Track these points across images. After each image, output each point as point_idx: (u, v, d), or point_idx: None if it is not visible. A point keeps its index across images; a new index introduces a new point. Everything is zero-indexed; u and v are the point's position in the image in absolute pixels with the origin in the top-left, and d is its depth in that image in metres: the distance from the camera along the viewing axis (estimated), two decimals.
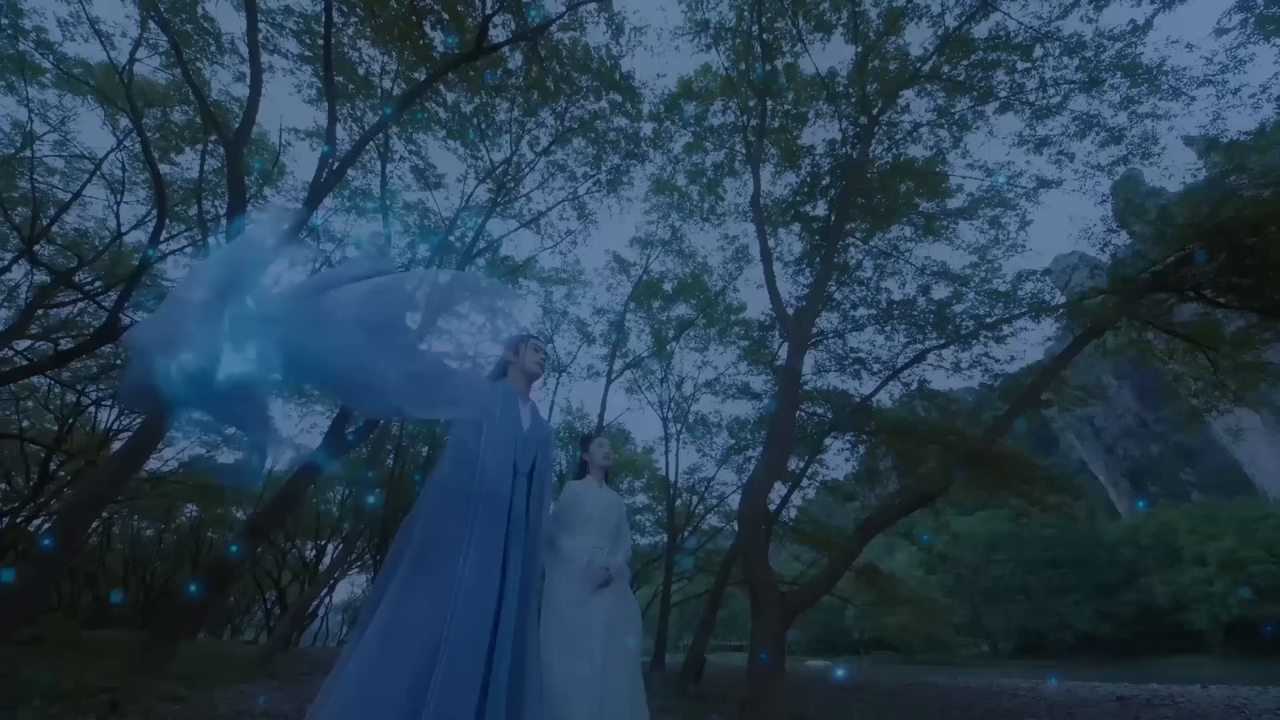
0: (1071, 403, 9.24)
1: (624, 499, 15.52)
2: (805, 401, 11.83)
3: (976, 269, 10.24)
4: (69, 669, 4.15)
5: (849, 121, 9.08)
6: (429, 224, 11.69)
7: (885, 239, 10.98)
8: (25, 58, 8.69)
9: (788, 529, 14.58)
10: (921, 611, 12.72)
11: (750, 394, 13.07)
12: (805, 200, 10.22)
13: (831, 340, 12.09)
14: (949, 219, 10.26)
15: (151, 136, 9.31)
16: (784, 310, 7.64)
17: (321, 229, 12.13)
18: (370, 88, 9.54)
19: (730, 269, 13.07)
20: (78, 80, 9.29)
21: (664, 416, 15.26)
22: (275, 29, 8.78)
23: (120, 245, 11.30)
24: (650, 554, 18.56)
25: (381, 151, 10.40)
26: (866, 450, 12.44)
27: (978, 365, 10.55)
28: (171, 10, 8.03)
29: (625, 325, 13.83)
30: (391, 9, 8.40)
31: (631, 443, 17.85)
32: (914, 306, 10.66)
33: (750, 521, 5.49)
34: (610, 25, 8.82)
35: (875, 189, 9.41)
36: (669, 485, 15.15)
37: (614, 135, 10.55)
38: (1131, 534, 40.50)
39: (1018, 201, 9.20)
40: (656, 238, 12.97)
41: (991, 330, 8.92)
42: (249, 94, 7.34)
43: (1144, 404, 64.86)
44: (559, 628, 1.95)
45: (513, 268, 12.62)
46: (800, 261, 10.75)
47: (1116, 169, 7.84)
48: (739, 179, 10.96)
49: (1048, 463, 12.55)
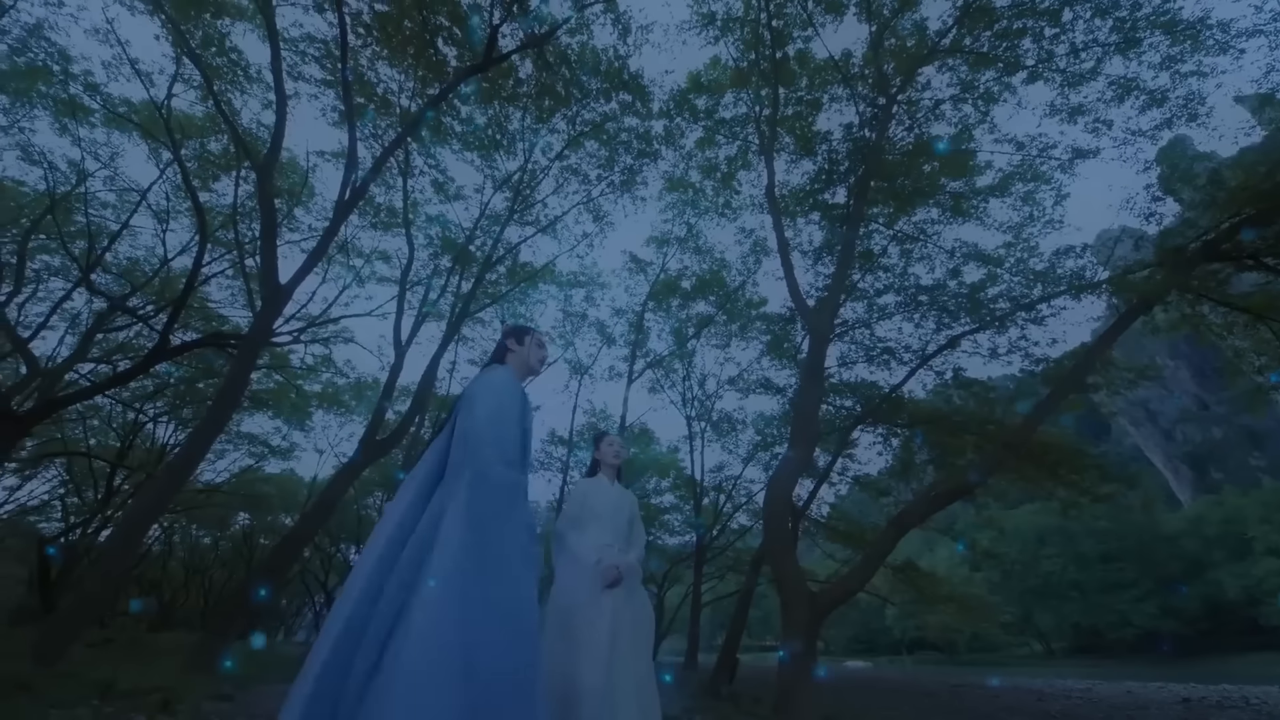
0: (1122, 385, 8.68)
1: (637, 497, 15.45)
2: (831, 394, 11.55)
3: (1011, 249, 9.78)
4: (130, 669, 4.42)
5: (866, 104, 8.81)
6: (450, 235, 11.97)
7: (911, 222, 10.62)
8: (76, 100, 9.33)
9: (820, 527, 14.27)
10: (965, 610, 12.17)
11: (774, 389, 12.84)
12: (824, 188, 9.97)
13: (858, 330, 11.77)
14: (978, 198, 9.83)
15: (191, 167, 9.83)
16: (803, 301, 7.47)
17: (350, 244, 12.61)
18: (389, 107, 9.83)
19: (749, 263, 12.90)
20: (123, 118, 9.90)
21: (687, 415, 15.18)
22: (298, 56, 9.14)
23: (168, 270, 11.98)
24: (680, 553, 18.48)
25: (403, 168, 10.70)
26: (901, 443, 12.05)
27: (1016, 350, 10.07)
28: (202, 45, 8.46)
29: (644, 325, 13.81)
30: (406, 29, 8.63)
31: (656, 442, 17.81)
32: (944, 291, 10.26)
33: (776, 519, 5.38)
34: (617, 26, 8.82)
35: (897, 171, 9.09)
36: (695, 484, 15.03)
37: (625, 136, 10.56)
38: (1195, 524, 37.85)
39: (1052, 175, 8.72)
40: (672, 236, 12.92)
41: (1028, 311, 8.47)
42: (275, 120, 7.67)
43: (1203, 384, 60.48)
44: (565, 627, 1.92)
45: (531, 273, 12.78)
46: (821, 251, 10.49)
47: (1160, 134, 7.33)
48: (753, 170, 10.79)
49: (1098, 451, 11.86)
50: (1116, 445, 66.52)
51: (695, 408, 15.22)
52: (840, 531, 12.54)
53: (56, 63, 8.73)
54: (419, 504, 1.35)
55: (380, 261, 13.12)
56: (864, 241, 10.67)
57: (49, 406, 8.88)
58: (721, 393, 15.01)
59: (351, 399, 17.33)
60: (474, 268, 11.13)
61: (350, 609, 1.16)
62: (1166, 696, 11.21)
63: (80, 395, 9.99)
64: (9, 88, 8.81)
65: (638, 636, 2.01)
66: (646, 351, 14.34)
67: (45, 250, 10.91)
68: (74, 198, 10.33)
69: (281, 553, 8.04)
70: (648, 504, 18.62)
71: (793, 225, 10.86)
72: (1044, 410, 6.05)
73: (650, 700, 1.94)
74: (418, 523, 1.31)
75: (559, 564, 2.11)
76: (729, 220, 12.13)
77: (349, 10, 8.05)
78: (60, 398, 9.21)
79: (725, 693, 7.36)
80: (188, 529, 24.02)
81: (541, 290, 13.49)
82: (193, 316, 12.45)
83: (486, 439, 1.38)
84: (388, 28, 8.59)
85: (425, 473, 1.43)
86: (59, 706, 2.50)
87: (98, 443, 16.06)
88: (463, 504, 1.29)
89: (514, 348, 1.81)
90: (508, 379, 1.59)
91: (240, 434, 18.27)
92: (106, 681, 3.02)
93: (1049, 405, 6.04)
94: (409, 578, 1.20)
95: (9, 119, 9.17)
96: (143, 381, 13.57)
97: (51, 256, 11.23)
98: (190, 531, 24.65)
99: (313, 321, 12.65)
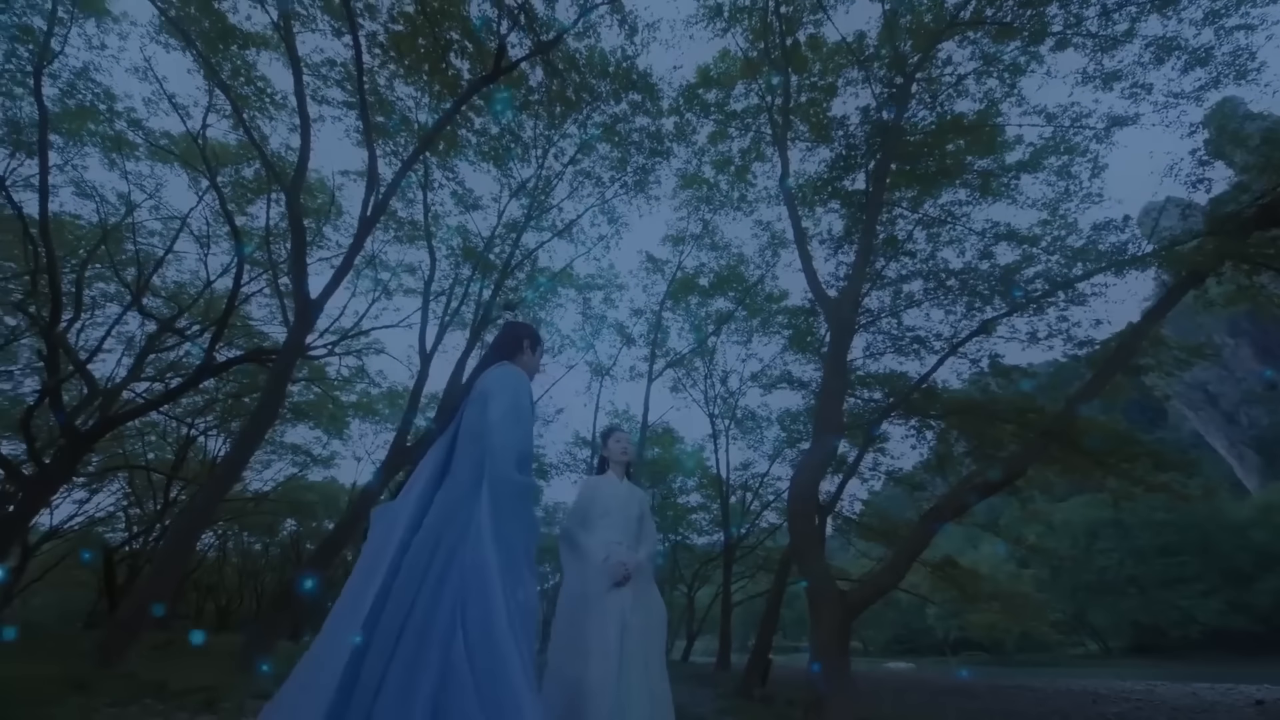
0: (1175, 366, 8.12)
1: (664, 497, 15.29)
2: (858, 387, 11.23)
3: (1047, 227, 9.30)
4: (183, 669, 4.68)
5: (882, 85, 8.53)
6: (470, 244, 12.22)
7: (937, 205, 10.24)
8: (121, 136, 9.96)
9: (853, 524, 13.91)
10: (1012, 608, 11.59)
11: (799, 384, 12.59)
12: (842, 175, 9.71)
13: (884, 320, 11.43)
14: (1009, 175, 9.39)
15: (227, 192, 10.35)
16: (823, 291, 7.28)
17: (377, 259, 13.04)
18: (408, 124, 10.10)
19: (767, 257, 12.70)
20: (164, 150, 10.51)
21: (710, 413, 15.04)
22: (320, 80, 9.49)
23: (211, 292, 12.64)
24: (709, 553, 18.32)
25: (423, 182, 10.99)
26: (936, 436, 11.63)
27: (1057, 334, 9.59)
28: (231, 75, 8.89)
29: (663, 323, 13.76)
30: (420, 47, 8.84)
31: (681, 442, 17.72)
32: (976, 274, 9.84)
33: (800, 516, 5.26)
34: (623, 26, 8.82)
35: (919, 152, 8.77)
36: (722, 483, 14.91)
37: (637, 136, 10.55)
38: (1265, 513, 35.08)
39: (1088, 146, 8.25)
40: (688, 233, 12.83)
41: (1066, 290, 8.02)
42: (300, 144, 7.97)
43: (1268, 362, 55.97)
44: (572, 626, 1.90)
45: (549, 278, 12.91)
46: (842, 240, 10.22)
47: (1206, 95, 6.81)
48: (768, 162, 10.60)
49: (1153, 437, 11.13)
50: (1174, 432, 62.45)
51: (718, 405, 15.09)
52: (873, 529, 12.19)
53: (102, 101, 9.33)
54: (422, 505, 1.35)
55: (406, 274, 13.53)
56: (887, 228, 10.36)
57: (108, 424, 9.50)
58: (744, 389, 14.86)
59: (385, 407, 17.92)
60: (494, 275, 11.33)
61: (365, 615, 1.14)
62: (1237, 698, 10.42)
63: (136, 412, 10.65)
64: (62, 128, 9.45)
65: (648, 636, 1.96)
66: (667, 351, 14.30)
67: (100, 278, 11.67)
68: (123, 228, 11.02)
69: (321, 555, 8.37)
70: (674, 504, 18.56)
71: (811, 215, 10.63)
72: (1086, 395, 5.71)
73: (662, 701, 1.90)
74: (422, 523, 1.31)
75: (567, 563, 2.08)
76: (745, 214, 11.98)
77: (365, 32, 8.32)
78: (118, 415, 9.84)
79: (758, 694, 7.24)
80: (240, 536, 25.33)
81: (560, 294, 13.61)
82: (235, 334, 13.11)
83: (508, 440, 1.36)
84: (402, 46, 8.82)
85: (430, 472, 1.42)
86: (115, 705, 2.67)
87: (155, 457, 17.10)
88: (487, 511, 1.28)
89: (527, 351, 1.78)
90: (524, 380, 1.57)
91: (284, 444, 19.14)
92: (159, 681, 3.21)
93: (1091, 389, 5.70)
94: (413, 588, 1.19)
95: (64, 158, 9.82)
96: (193, 397, 14.38)
97: (106, 284, 11.99)
98: (242, 538, 25.98)
99: (345, 335, 13.13)
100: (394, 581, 1.20)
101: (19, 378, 12.40)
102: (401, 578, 1.21)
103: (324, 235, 12.39)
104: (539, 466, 17.52)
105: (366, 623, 1.13)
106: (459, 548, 1.25)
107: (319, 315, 8.05)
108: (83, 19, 8.41)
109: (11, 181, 8.49)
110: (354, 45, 7.52)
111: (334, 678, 1.06)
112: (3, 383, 12.25)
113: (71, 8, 8.06)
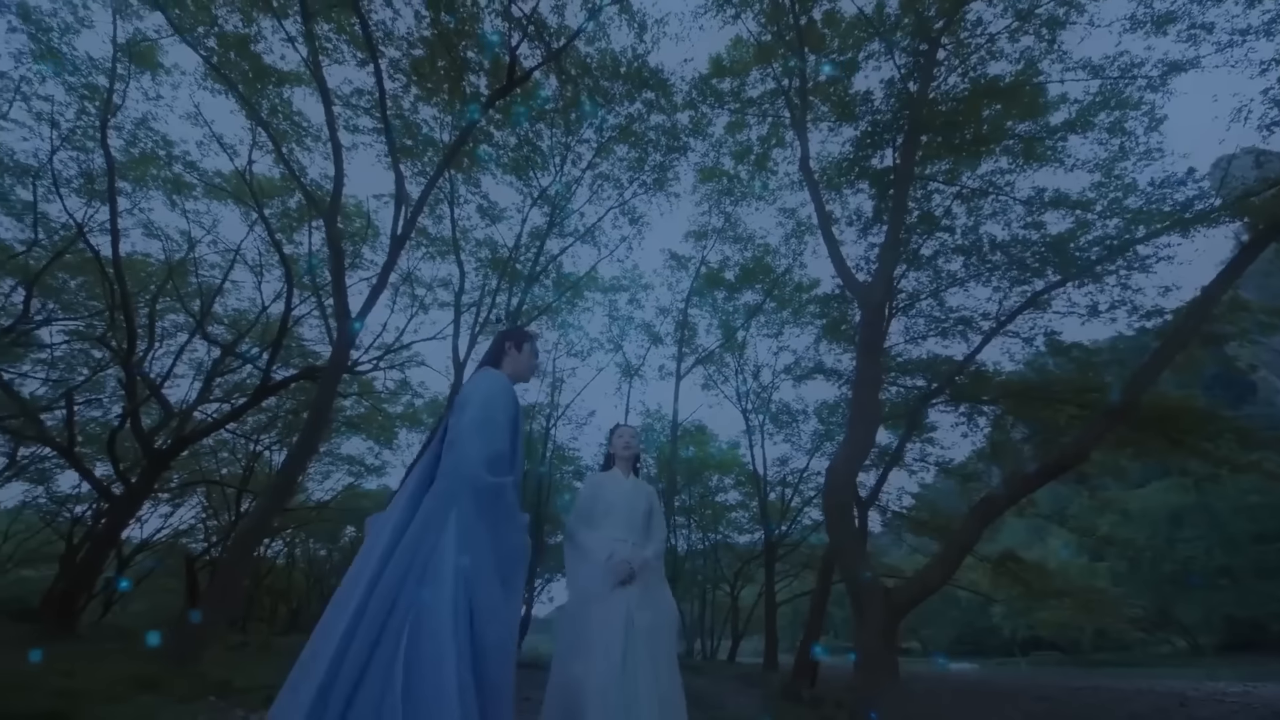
0: (1260, 332, 7.31)
1: (701, 495, 15.00)
2: (898, 374, 10.75)
3: (1102, 190, 8.59)
4: (249, 668, 5.01)
5: (906, 54, 8.12)
6: (497, 255, 12.54)
7: (976, 176, 9.66)
8: (180, 178, 10.84)
9: (903, 519, 13.32)
10: (1085, 604, 10.72)
11: (833, 373, 12.16)
12: (869, 153, 9.32)
13: (924, 302, 10.89)
14: (1054, 138, 8.74)
15: (275, 223, 11.06)
16: (850, 274, 6.99)
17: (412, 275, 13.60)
18: (433, 144, 10.47)
19: (794, 245, 12.36)
20: (218, 189, 11.35)
21: (744, 409, 14.76)
22: (351, 110, 9.98)
23: (266, 316, 13.52)
24: (750, 551, 17.98)
25: (450, 198, 11.37)
26: (991, 422, 10.98)
27: (1121, 305, 8.85)
28: (270, 113, 9.49)
29: (689, 320, 13.62)
30: (440, 69, 9.14)
31: (715, 440, 17.47)
32: (1024, 245, 9.21)
33: (837, 510, 5.06)
34: (632, 25, 8.81)
35: (952, 122, 8.29)
36: (759, 479, 14.60)
37: (653, 134, 10.51)
38: None
39: (1141, 98, 7.54)
40: (710, 227, 12.65)
41: (1125, 254, 7.36)
42: (334, 172, 8.40)
43: None
44: (575, 626, 1.86)
45: (574, 282, 13.05)
46: (872, 222, 9.81)
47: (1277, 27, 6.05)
48: (788, 148, 10.31)
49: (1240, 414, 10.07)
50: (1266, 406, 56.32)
51: (751, 401, 14.79)
52: (925, 523, 11.62)
53: (161, 148, 10.17)
54: (410, 510, 1.37)
55: (441, 288, 14.04)
56: (922, 204, 9.87)
57: (182, 443, 10.34)
58: (778, 383, 14.51)
59: (428, 417, 18.68)
60: (520, 283, 11.57)
61: (346, 623, 1.17)
62: None
63: (205, 431, 11.54)
64: (129, 175, 10.36)
65: (656, 637, 1.90)
66: (695, 348, 14.14)
67: (170, 310, 12.72)
68: (187, 262, 11.97)
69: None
70: (713, 502, 18.34)
71: (839, 198, 10.26)
72: (1153, 368, 5.20)
73: (672, 704, 1.83)
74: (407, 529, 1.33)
75: (570, 563, 2.05)
76: (768, 203, 11.70)
77: (387, 59, 8.69)
78: (190, 434, 10.69)
79: (806, 696, 7.04)
80: (306, 543, 27.05)
81: (587, 298, 13.73)
82: (291, 354, 13.97)
83: (474, 444, 1.37)
84: (422, 71, 9.15)
85: (418, 479, 1.45)
86: (182, 703, 2.89)
87: (228, 472, 18.50)
88: (454, 514, 1.31)
89: (512, 353, 1.81)
90: (499, 382, 1.58)
91: (340, 456, 20.37)
92: (224, 680, 3.46)
93: (1159, 362, 5.19)
94: (395, 587, 1.22)
95: (132, 202, 10.77)
96: (257, 415, 15.44)
97: (176, 315, 13.06)
98: (309, 545, 27.74)
99: (388, 350, 13.77)
100: (376, 588, 1.22)
101: (108, 404, 13.67)
102: (383, 585, 1.23)
103: (363, 256, 13.02)
104: (575, 469, 17.74)
105: (347, 630, 1.16)
106: (431, 555, 1.27)
107: (359, 332, 8.47)
108: (139, 73, 9.18)
109: (89, 227, 9.38)
110: (375, 72, 7.85)
111: (314, 685, 1.09)
112: (93, 410, 13.52)
113: (129, 63, 8.82)
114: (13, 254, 9.70)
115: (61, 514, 15.21)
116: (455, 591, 1.21)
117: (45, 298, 10.72)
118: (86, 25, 8.47)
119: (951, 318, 10.60)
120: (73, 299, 11.37)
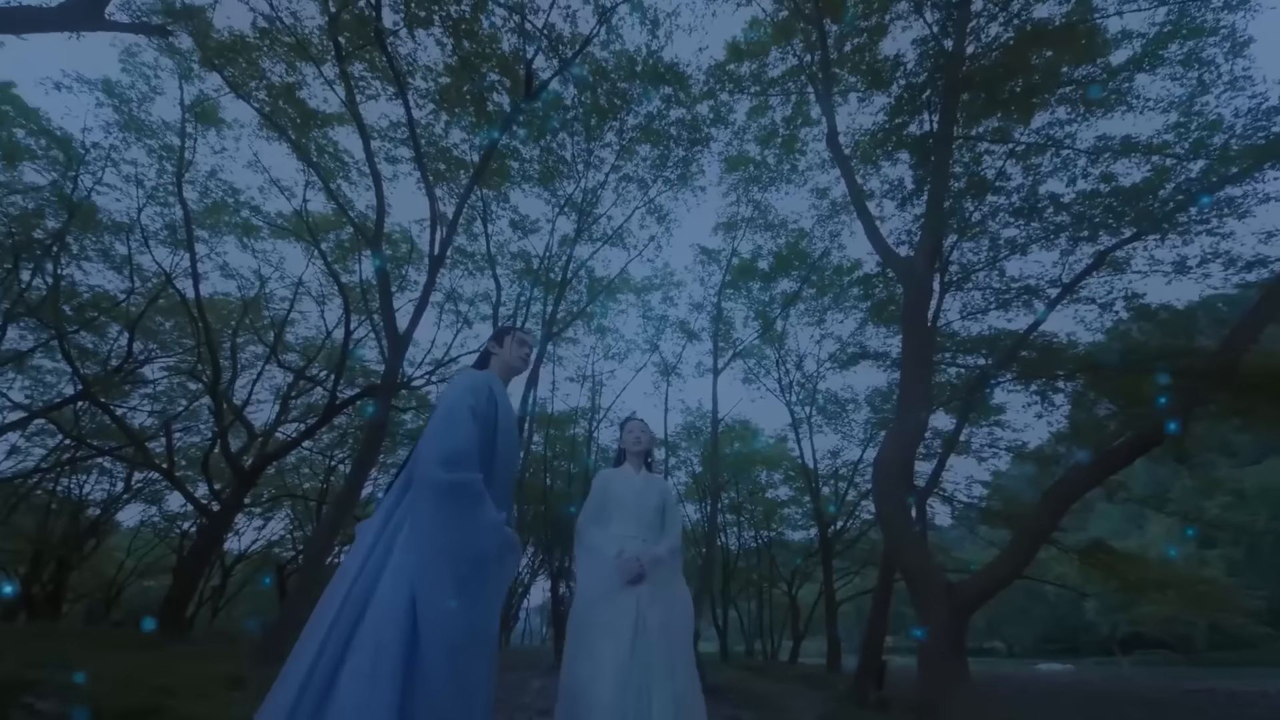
0: None
1: (751, 491, 14.54)
2: (955, 352, 10.01)
3: (1181, 131, 7.61)
4: None
5: (938, 9, 7.57)
6: (530, 266, 12.88)
7: (1030, 131, 8.85)
8: (248, 222, 11.94)
9: (975, 510, 12.37)
10: (1194, 597, 9.40)
11: (880, 356, 11.49)
12: (905, 120, 8.77)
13: (980, 274, 10.10)
14: (1119, 79, 7.85)
15: (331, 255, 11.95)
16: (889, 248, 6.55)
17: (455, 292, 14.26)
18: (464, 165, 10.94)
19: (830, 227, 11.82)
20: (281, 228, 12.40)
21: (788, 401, 14.24)
22: (389, 142, 10.62)
23: (331, 341, 14.60)
24: (807, 548, 17.28)
25: (483, 215, 11.82)
26: (1070, 400, 10.00)
27: (1214, 258, 7.82)
28: (318, 153, 10.26)
29: (724, 314, 13.32)
30: (466, 95, 9.54)
31: (760, 434, 16.95)
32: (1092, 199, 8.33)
33: (889, 499, 4.74)
34: (645, 22, 8.78)
35: (996, 76, 7.63)
36: (809, 473, 14.02)
37: (674, 130, 10.43)
38: None
39: (1219, 20, 6.62)
40: (740, 217, 12.35)
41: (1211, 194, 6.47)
42: (376, 202, 8.95)
43: None
44: (583, 625, 1.82)
45: (606, 284, 13.14)
46: (913, 194, 9.20)
47: None
48: (815, 126, 9.88)
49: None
50: None
51: (796, 392, 14.26)
52: (998, 513, 10.72)
53: (229, 196, 11.25)
54: (388, 516, 1.39)
55: (482, 302, 14.61)
56: (970, 167, 9.16)
57: (265, 461, 11.35)
58: (823, 373, 13.87)
59: None
60: (554, 290, 11.81)
61: (325, 628, 1.20)
62: None
63: (284, 449, 12.59)
64: (205, 223, 11.52)
65: (669, 637, 1.82)
66: (733, 341, 13.81)
67: (249, 342, 14.03)
68: (260, 297, 13.16)
69: None
70: (763, 498, 17.83)
71: (875, 172, 9.73)
72: (1256, 323, 4.50)
73: (689, 704, 1.75)
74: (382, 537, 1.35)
75: (580, 561, 2.02)
76: (798, 186, 11.27)
77: (416, 90, 9.17)
78: (272, 453, 11.72)
79: (873, 699, 6.65)
80: None
81: (620, 300, 13.80)
82: (354, 375, 15.02)
83: (430, 443, 1.37)
84: (449, 96, 9.57)
85: (400, 485, 1.46)
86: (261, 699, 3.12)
87: (310, 487, 20.16)
88: (410, 516, 1.32)
89: (495, 350, 1.83)
90: (464, 380, 1.56)
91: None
92: None
93: (1262, 315, 4.49)
94: (368, 590, 1.25)
95: (209, 247, 11.98)
96: (330, 433, 16.72)
97: (254, 346, 14.39)
98: None
99: (438, 364, 14.50)
100: (351, 591, 1.25)
101: (203, 431, 15.26)
102: (357, 588, 1.25)
103: (408, 278, 13.78)
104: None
105: (325, 635, 1.18)
106: (386, 555, 1.28)
107: (407, 349, 8.95)
108: (205, 130, 10.22)
109: (175, 274, 10.52)
110: (403, 102, 8.28)
111: (293, 686, 1.13)
112: (192, 436, 15.13)
113: (195, 122, 9.83)
114: (116, 302, 11.04)
115: (173, 530, 17.12)
116: (395, 590, 1.22)
117: (145, 339, 12.11)
118: (158, 93, 9.54)
119: (1013, 288, 9.76)
120: (168, 338, 12.79)
